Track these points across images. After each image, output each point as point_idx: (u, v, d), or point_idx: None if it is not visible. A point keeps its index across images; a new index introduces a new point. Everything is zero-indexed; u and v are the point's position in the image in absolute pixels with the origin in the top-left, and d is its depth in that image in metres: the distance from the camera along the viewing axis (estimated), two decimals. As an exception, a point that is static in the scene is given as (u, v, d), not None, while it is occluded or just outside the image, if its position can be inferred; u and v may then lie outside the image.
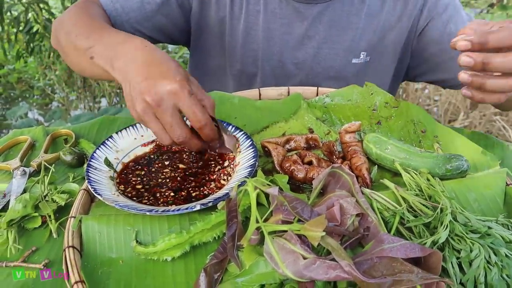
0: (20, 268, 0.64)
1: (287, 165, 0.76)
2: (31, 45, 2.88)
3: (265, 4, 1.07)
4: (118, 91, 3.29)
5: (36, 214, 0.71)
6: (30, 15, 2.84)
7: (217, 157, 0.80)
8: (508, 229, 0.64)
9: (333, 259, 0.51)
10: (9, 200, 0.76)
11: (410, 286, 0.48)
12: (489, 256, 0.56)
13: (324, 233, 0.50)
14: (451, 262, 0.57)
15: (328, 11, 1.08)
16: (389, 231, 0.63)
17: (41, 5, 2.83)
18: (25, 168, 0.84)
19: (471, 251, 0.57)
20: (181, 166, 0.78)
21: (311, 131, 0.89)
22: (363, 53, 1.12)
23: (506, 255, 0.57)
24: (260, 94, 0.98)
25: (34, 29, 2.88)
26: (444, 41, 1.09)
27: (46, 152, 0.91)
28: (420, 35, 1.12)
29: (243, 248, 0.56)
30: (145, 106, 0.68)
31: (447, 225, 0.60)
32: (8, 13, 2.86)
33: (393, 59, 1.16)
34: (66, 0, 2.86)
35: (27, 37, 2.86)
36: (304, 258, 0.51)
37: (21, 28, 2.81)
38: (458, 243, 0.58)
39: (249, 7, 1.07)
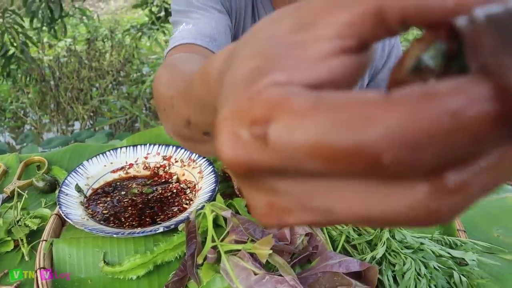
0: None
1: (246, 189, 0.83)
2: (7, 69, 2.89)
3: None
4: (91, 114, 3.29)
5: (9, 238, 0.75)
6: (6, 38, 2.86)
7: (180, 183, 0.86)
8: (441, 244, 0.72)
9: (281, 275, 0.57)
10: (-18, 226, 0.80)
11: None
12: (419, 269, 0.64)
13: (271, 251, 0.57)
14: (387, 275, 0.64)
15: None
16: (335, 249, 0.70)
17: (16, 27, 2.85)
18: (-2, 194, 0.88)
19: (404, 264, 0.64)
20: (147, 191, 0.84)
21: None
22: None
23: (435, 268, 0.64)
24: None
25: (10, 53, 2.90)
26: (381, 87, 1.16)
27: (19, 178, 0.95)
28: (375, 79, 1.17)
29: (202, 266, 0.62)
30: None
31: (384, 242, 0.67)
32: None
33: None
34: (36, 21, 2.91)
35: (3, 61, 2.87)
36: (255, 274, 0.58)
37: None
38: (394, 258, 0.66)
39: None
